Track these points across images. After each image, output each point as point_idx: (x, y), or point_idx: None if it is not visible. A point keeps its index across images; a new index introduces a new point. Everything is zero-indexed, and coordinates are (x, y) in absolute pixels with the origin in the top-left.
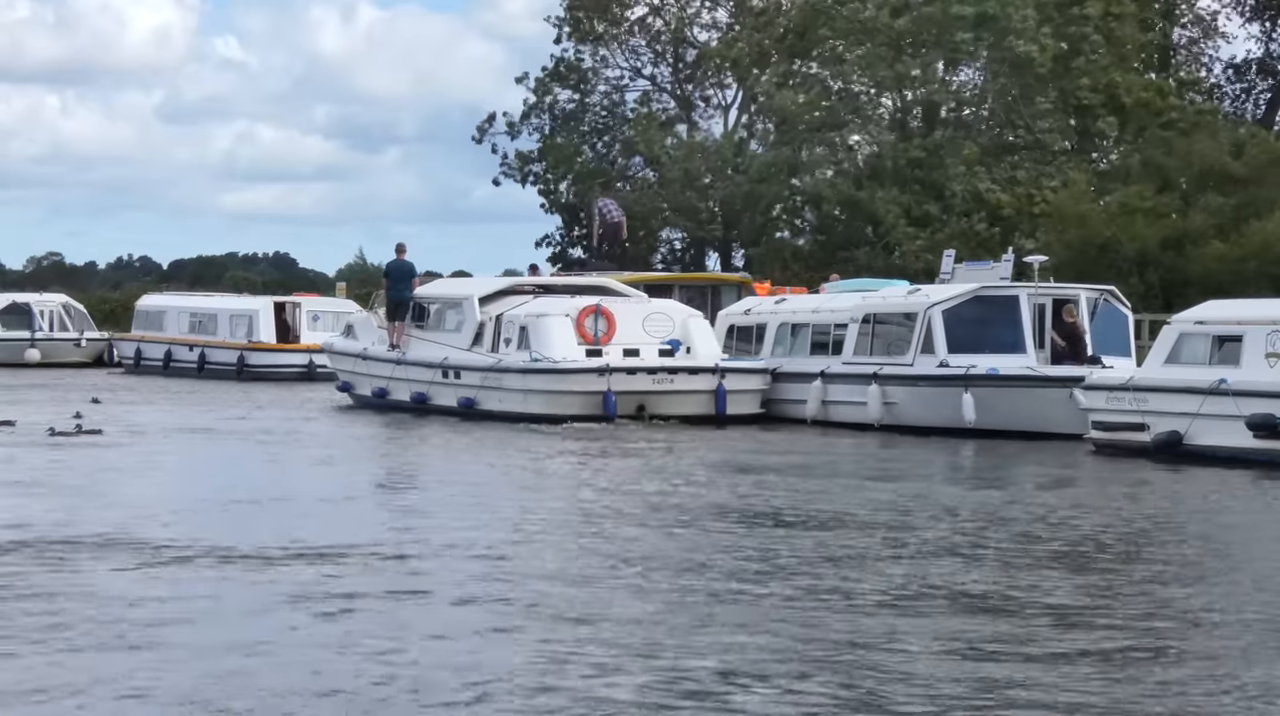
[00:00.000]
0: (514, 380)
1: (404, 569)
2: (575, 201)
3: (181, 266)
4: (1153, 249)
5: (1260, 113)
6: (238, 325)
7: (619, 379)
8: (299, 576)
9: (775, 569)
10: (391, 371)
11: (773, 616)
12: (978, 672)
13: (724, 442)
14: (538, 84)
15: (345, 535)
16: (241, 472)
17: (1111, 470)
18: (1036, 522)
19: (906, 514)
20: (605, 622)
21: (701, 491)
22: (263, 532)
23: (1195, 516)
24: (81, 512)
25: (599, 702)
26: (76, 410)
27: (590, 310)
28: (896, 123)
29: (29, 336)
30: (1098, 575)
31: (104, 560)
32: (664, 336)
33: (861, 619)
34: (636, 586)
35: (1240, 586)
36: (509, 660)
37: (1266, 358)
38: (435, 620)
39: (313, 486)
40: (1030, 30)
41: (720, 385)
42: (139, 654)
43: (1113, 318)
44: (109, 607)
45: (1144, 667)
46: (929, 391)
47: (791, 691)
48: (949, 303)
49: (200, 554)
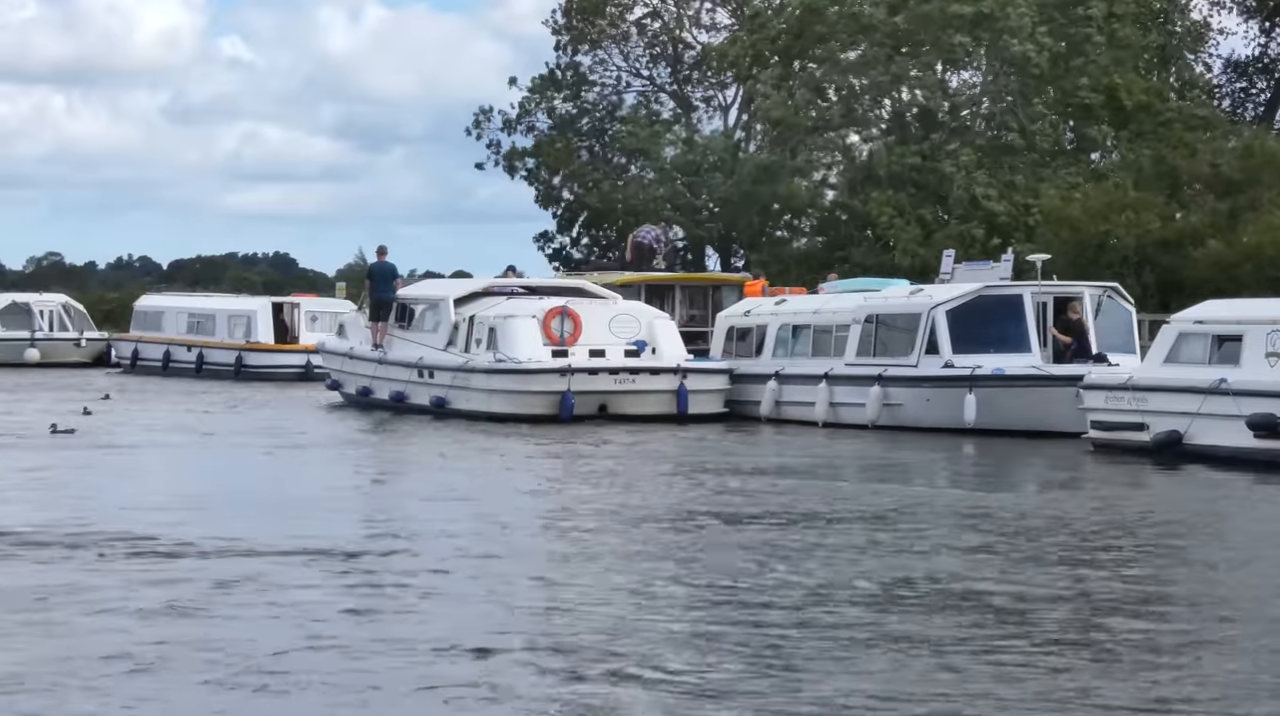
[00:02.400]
0: (480, 380)
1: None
2: (570, 197)
3: (181, 266)
4: (1149, 249)
5: (1260, 113)
6: (236, 325)
7: (581, 379)
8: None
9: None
10: (374, 371)
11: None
12: (988, 674)
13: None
14: (532, 87)
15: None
16: (180, 471)
17: (1113, 470)
18: (1050, 523)
19: (915, 515)
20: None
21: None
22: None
23: (1211, 517)
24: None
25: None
26: (84, 406)
27: (556, 312)
28: (894, 125)
29: (29, 336)
30: (1106, 574)
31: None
32: (630, 337)
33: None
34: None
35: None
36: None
37: (1267, 357)
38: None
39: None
40: (1027, 29)
41: (682, 385)
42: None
43: (1117, 315)
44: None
45: (1148, 668)
46: (934, 392)
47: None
48: (953, 302)
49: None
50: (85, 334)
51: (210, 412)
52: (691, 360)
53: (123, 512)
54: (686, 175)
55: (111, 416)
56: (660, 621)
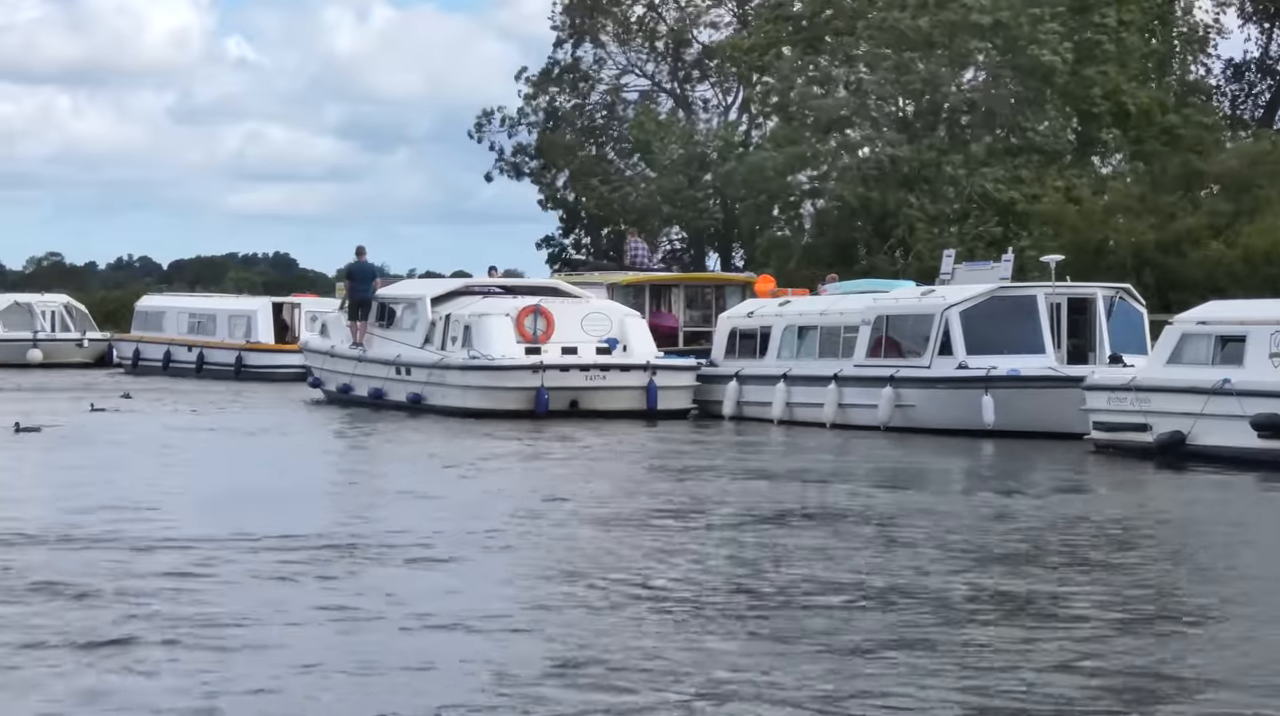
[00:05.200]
0: (455, 376)
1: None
2: (573, 199)
3: (181, 266)
4: (1150, 250)
5: (1260, 113)
6: (236, 325)
7: (553, 375)
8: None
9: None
10: (354, 368)
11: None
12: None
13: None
14: (534, 84)
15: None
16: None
17: (1116, 470)
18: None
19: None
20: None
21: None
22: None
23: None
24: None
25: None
26: (125, 391)
27: (530, 310)
28: (902, 123)
29: (31, 337)
30: (1112, 575)
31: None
32: (602, 335)
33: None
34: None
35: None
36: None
37: (1270, 357)
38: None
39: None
40: (1054, 42)
41: (651, 382)
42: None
43: (1129, 315)
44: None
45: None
46: (947, 393)
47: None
48: (966, 303)
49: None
50: (87, 334)
51: (198, 412)
52: (661, 357)
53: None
54: (688, 171)
55: (85, 417)
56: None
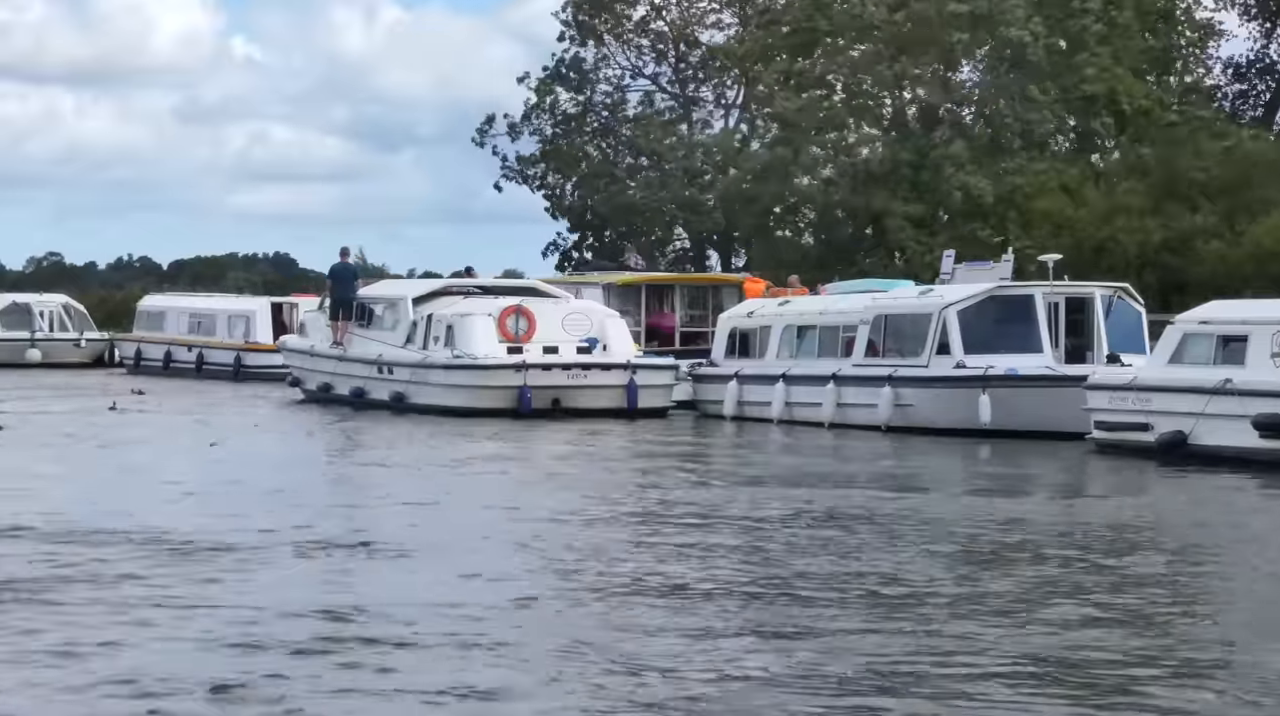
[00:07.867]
0: (438, 375)
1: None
2: (580, 204)
3: (182, 267)
4: (1150, 250)
5: (1260, 113)
6: (235, 326)
7: (535, 374)
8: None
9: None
10: (334, 367)
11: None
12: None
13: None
14: (539, 85)
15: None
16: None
17: (1117, 470)
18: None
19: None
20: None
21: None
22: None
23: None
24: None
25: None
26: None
27: (511, 310)
28: (895, 124)
29: (29, 337)
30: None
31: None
32: (582, 334)
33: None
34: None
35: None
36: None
37: (1272, 357)
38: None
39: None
40: (1020, 19)
41: (632, 381)
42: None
43: (1127, 315)
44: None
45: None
46: (945, 393)
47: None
48: (964, 303)
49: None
50: (85, 334)
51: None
52: (640, 357)
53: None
54: (689, 175)
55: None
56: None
